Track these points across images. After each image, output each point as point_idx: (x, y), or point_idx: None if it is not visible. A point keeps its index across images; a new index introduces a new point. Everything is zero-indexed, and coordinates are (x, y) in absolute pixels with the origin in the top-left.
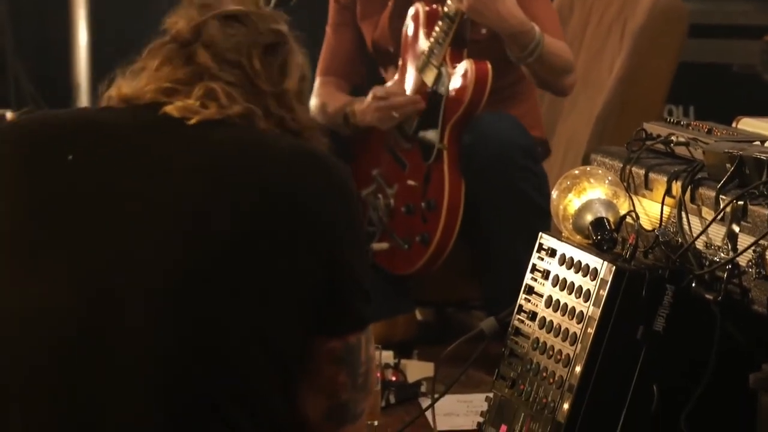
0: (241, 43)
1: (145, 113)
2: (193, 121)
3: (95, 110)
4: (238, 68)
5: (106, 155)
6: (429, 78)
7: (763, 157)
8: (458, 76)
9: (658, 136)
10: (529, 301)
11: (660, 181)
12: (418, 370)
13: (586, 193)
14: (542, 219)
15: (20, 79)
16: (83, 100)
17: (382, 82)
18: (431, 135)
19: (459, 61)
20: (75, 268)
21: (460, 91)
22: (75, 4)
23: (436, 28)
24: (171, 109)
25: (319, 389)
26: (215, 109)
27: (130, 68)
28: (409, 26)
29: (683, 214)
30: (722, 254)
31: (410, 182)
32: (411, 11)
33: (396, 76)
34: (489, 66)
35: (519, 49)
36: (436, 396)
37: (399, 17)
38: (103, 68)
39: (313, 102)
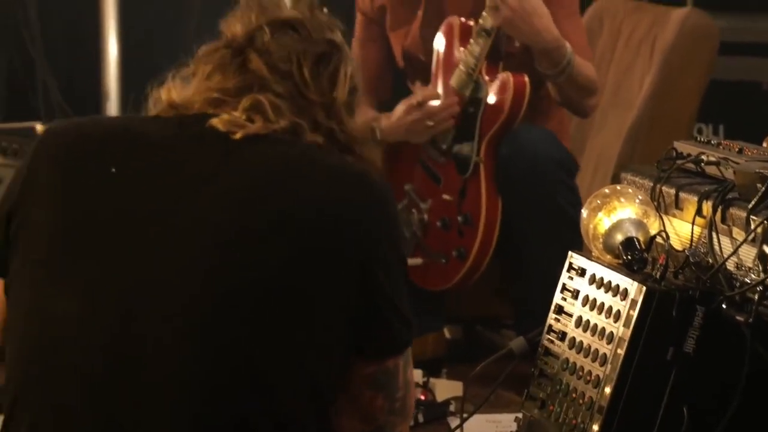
0: (293, 52)
1: (192, 125)
2: (237, 136)
3: (143, 120)
4: (288, 78)
5: (143, 170)
6: (465, 91)
7: None
8: (496, 88)
9: (689, 155)
10: (559, 321)
11: (691, 201)
12: (446, 389)
13: (616, 213)
14: (576, 233)
15: (49, 90)
16: (112, 111)
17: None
18: (467, 148)
19: (495, 74)
20: (100, 292)
21: (499, 103)
22: (105, 14)
23: (471, 42)
24: (217, 122)
25: (356, 413)
26: (261, 123)
27: (181, 72)
28: (441, 40)
29: (714, 235)
30: (753, 275)
31: (445, 197)
32: (443, 25)
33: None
34: (527, 79)
35: (550, 65)
36: (465, 416)
37: (429, 26)
38: (132, 80)
39: None
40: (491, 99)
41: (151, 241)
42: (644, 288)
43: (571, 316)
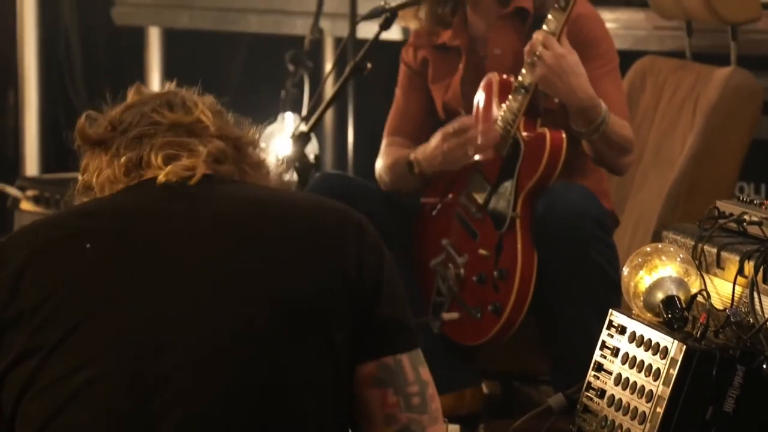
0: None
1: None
2: (194, 181)
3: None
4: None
5: (147, 231)
6: (502, 146)
7: None
8: (533, 144)
9: (731, 214)
10: (599, 378)
11: (732, 261)
12: None
13: (657, 271)
14: (613, 291)
15: None
16: None
17: None
18: (503, 204)
19: (533, 130)
20: (122, 334)
21: (535, 159)
22: (149, 69)
23: (510, 98)
24: (166, 176)
25: (375, 420)
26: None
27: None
28: (480, 95)
29: (755, 294)
30: None
31: (482, 251)
32: (483, 81)
33: None
34: (564, 135)
35: (584, 123)
36: None
37: (470, 81)
38: None
39: (380, 163)
40: (528, 155)
41: (168, 280)
42: (684, 347)
43: (610, 373)
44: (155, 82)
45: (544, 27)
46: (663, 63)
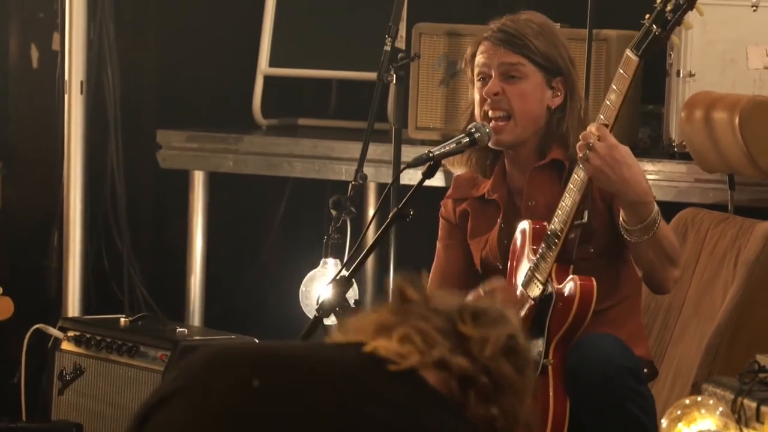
0: None
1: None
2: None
3: None
4: None
5: None
6: (534, 293)
7: None
8: (563, 292)
9: None
10: None
11: None
12: None
13: (696, 424)
14: None
15: (135, 285)
16: (195, 306)
17: None
18: (536, 351)
19: (565, 278)
20: None
21: (565, 307)
22: (193, 211)
23: (542, 245)
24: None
25: None
26: None
27: None
28: (517, 240)
29: None
30: None
31: None
32: (518, 229)
33: None
34: (594, 283)
35: (637, 220)
36: None
37: (507, 236)
38: (215, 275)
39: None
40: (559, 302)
41: None
42: None
43: None
44: (198, 225)
45: (579, 168)
46: (705, 215)
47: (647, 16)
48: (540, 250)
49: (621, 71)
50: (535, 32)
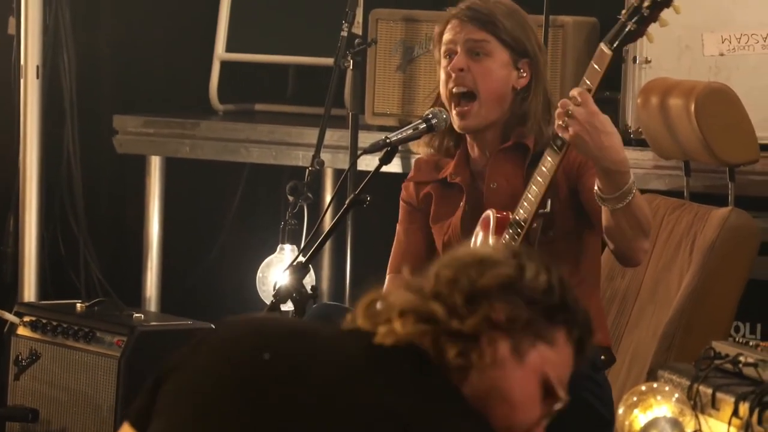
0: None
1: None
2: None
3: None
4: None
5: None
6: None
7: None
8: None
9: (726, 355)
10: None
11: (727, 402)
12: None
13: (652, 410)
14: (605, 429)
15: (91, 270)
16: (152, 292)
17: None
18: None
19: None
20: None
21: None
22: (150, 197)
23: (506, 235)
24: None
25: None
26: None
27: None
28: (479, 232)
29: None
30: None
31: None
32: (481, 218)
33: None
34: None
35: (613, 188)
36: None
37: (470, 219)
38: (172, 260)
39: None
40: None
41: None
42: None
43: None
44: (155, 210)
45: (546, 159)
46: (661, 201)
47: (623, 11)
48: (504, 240)
49: (594, 65)
50: (504, 12)
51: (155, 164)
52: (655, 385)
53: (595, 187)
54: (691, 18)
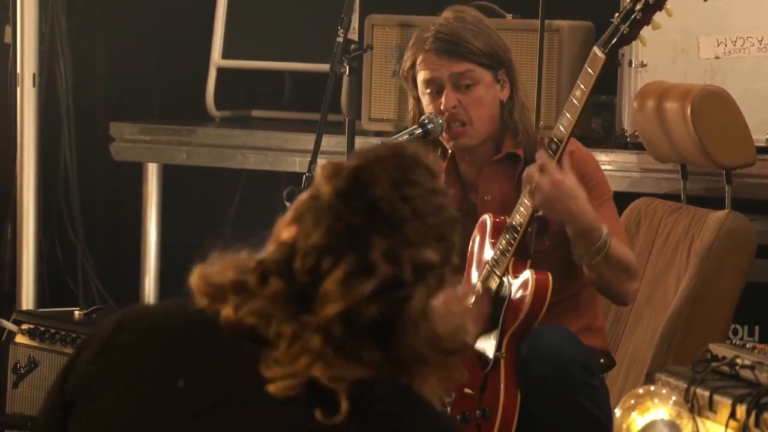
0: None
1: None
2: None
3: None
4: None
5: None
6: (491, 287)
7: None
8: (519, 286)
9: (724, 357)
10: None
11: (724, 404)
12: None
13: (649, 413)
14: None
15: (89, 278)
16: (149, 299)
17: None
18: (490, 343)
19: (522, 272)
20: None
21: (520, 301)
22: (147, 204)
23: (502, 239)
24: None
25: None
26: None
27: None
28: (476, 236)
29: None
30: None
31: (467, 390)
32: (479, 222)
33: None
34: (549, 277)
35: (586, 246)
36: None
37: (463, 231)
38: (169, 267)
39: None
40: (514, 296)
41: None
42: None
43: None
44: (152, 217)
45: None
46: (658, 205)
47: (616, 14)
48: (499, 245)
49: (587, 68)
50: (472, 33)
51: (152, 171)
52: (652, 388)
53: (572, 248)
54: (686, 21)
